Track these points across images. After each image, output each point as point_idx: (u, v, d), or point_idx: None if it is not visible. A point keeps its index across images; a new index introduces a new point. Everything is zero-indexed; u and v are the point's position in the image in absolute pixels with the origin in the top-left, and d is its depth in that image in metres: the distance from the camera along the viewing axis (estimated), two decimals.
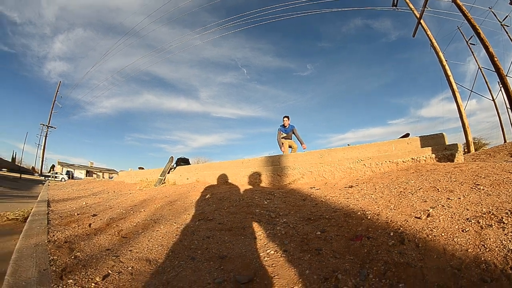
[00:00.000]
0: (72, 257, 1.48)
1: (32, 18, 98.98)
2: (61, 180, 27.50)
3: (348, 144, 4.04)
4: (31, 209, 3.72)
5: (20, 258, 1.35)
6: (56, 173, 35.52)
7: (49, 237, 1.85)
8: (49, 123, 35.35)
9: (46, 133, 34.85)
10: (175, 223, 2.06)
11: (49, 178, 28.38)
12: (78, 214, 2.69)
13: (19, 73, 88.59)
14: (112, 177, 28.04)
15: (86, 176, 44.43)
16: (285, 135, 6.26)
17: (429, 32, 11.41)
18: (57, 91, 35.88)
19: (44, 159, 34.96)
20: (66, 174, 37.55)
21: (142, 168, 8.92)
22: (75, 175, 40.48)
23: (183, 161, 6.54)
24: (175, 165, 6.05)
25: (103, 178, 30.77)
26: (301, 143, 6.31)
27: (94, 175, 46.85)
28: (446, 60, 11.33)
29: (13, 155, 54.33)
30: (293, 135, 6.36)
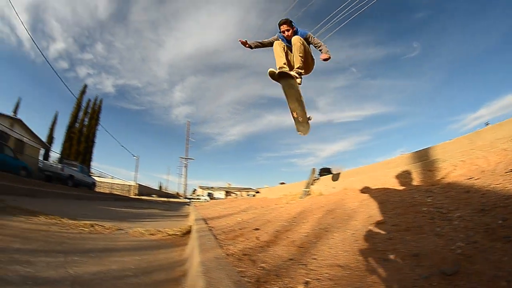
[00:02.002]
0: (259, 268, 1.53)
1: (150, 80, 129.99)
2: (203, 201, 33.49)
3: (486, 124, 2.96)
4: (189, 226, 4.43)
5: (208, 271, 1.37)
6: (198, 195, 43.65)
7: (224, 250, 1.94)
8: (186, 156, 44.30)
9: (186, 164, 43.68)
10: (347, 229, 2.05)
11: (193, 200, 34.65)
12: (239, 229, 2.87)
13: (151, 122, 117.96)
14: (250, 195, 31.81)
15: (225, 196, 52.11)
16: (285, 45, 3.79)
17: None
18: (188, 129, 45.09)
19: (186, 185, 43.56)
20: (207, 195, 45.49)
21: (283, 183, 9.56)
22: (215, 196, 48.27)
23: (326, 171, 6.68)
24: (318, 176, 6.14)
25: (241, 196, 35.52)
26: (321, 52, 3.68)
27: (233, 195, 54.29)
28: None
29: (159, 184, 72.64)
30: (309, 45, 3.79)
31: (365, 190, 3.42)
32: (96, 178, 23.55)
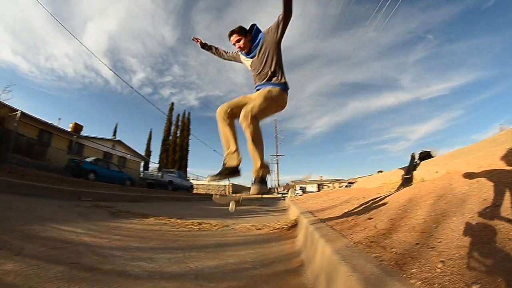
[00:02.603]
0: (392, 252, 1.59)
1: (230, 87, 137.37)
2: (296, 195, 33.95)
3: None
4: (294, 220, 4.49)
5: (345, 258, 1.39)
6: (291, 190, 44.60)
7: (349, 239, 1.98)
8: (276, 153, 45.98)
9: (277, 161, 45.34)
10: (464, 213, 1.93)
11: (286, 195, 35.30)
12: (352, 220, 2.91)
13: (238, 125, 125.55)
14: (343, 186, 30.80)
15: (318, 189, 51.72)
16: (251, 60, 2.59)
17: None
18: (275, 127, 46.58)
19: (278, 181, 45.17)
20: (300, 189, 46.21)
21: (381, 171, 9.26)
22: (308, 190, 48.49)
23: (425, 155, 6.16)
24: (418, 161, 5.81)
25: (334, 188, 34.57)
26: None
27: (325, 187, 53.38)
28: None
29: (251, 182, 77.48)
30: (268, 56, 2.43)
31: (471, 172, 3.06)
32: (193, 182, 26.42)
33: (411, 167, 5.53)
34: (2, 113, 6.76)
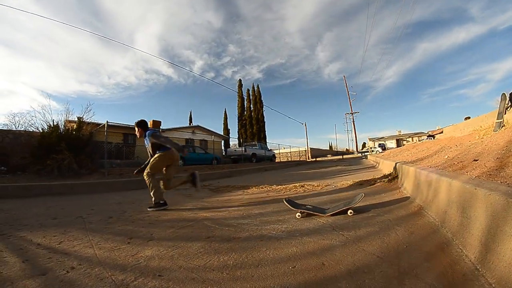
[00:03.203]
0: None
1: (289, 52, 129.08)
2: (376, 153, 31.66)
3: None
4: (391, 172, 4.48)
5: (478, 185, 1.43)
6: (371, 147, 41.80)
7: (468, 175, 1.91)
8: (351, 111, 43.05)
9: (353, 119, 42.60)
10: None
11: (367, 154, 33.19)
12: (458, 163, 2.64)
13: (308, 88, 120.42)
14: (423, 139, 27.52)
15: (397, 144, 47.37)
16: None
17: None
18: (346, 84, 43.36)
19: (356, 140, 42.55)
20: (379, 146, 42.92)
21: (469, 118, 8.44)
22: (388, 146, 44.65)
23: None
24: (510, 103, 5.00)
25: (413, 142, 31.19)
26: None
27: (404, 142, 48.72)
28: None
29: (329, 144, 75.53)
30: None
31: None
32: (275, 151, 26.30)
33: (503, 110, 5.12)
34: (90, 129, 8.42)
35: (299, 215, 2.45)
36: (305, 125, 35.25)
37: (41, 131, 7.54)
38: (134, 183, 6.57)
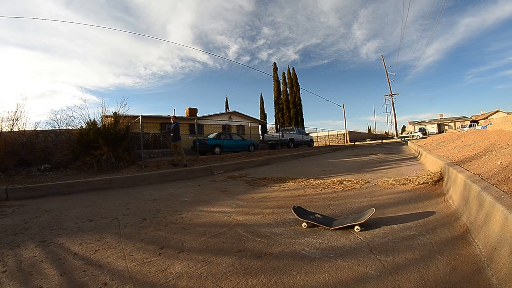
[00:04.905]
0: None
1: (325, 32, 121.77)
2: (417, 138, 29.48)
3: None
4: (437, 172, 4.06)
5: None
6: (411, 132, 39.01)
7: None
8: (391, 92, 40.23)
9: (392, 101, 39.85)
10: None
11: (407, 139, 31.21)
12: None
13: (345, 68, 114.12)
14: (467, 125, 24.98)
15: (438, 130, 43.79)
16: None
17: None
18: (384, 64, 40.34)
19: (396, 123, 39.90)
20: (420, 131, 39.91)
21: None
22: (428, 131, 41.40)
23: None
24: None
25: (456, 129, 28.38)
26: None
27: (446, 127, 44.92)
28: None
29: (368, 127, 71.98)
30: None
31: None
32: (312, 135, 25.62)
33: None
34: (126, 122, 8.77)
35: (305, 225, 2.45)
36: (343, 107, 33.85)
37: (79, 128, 8.06)
38: (169, 175, 6.92)
